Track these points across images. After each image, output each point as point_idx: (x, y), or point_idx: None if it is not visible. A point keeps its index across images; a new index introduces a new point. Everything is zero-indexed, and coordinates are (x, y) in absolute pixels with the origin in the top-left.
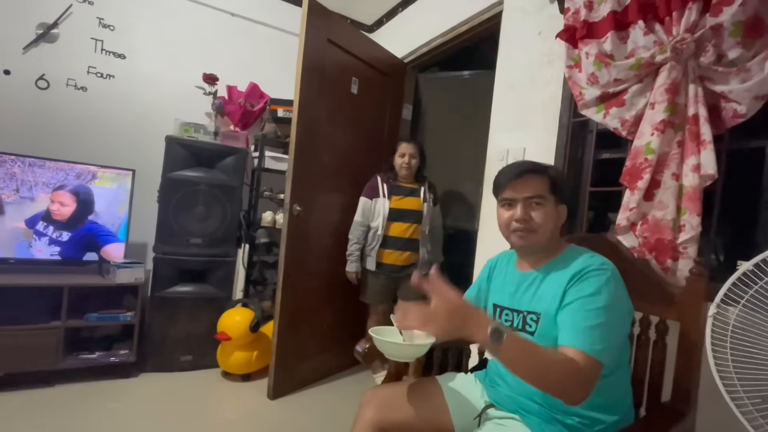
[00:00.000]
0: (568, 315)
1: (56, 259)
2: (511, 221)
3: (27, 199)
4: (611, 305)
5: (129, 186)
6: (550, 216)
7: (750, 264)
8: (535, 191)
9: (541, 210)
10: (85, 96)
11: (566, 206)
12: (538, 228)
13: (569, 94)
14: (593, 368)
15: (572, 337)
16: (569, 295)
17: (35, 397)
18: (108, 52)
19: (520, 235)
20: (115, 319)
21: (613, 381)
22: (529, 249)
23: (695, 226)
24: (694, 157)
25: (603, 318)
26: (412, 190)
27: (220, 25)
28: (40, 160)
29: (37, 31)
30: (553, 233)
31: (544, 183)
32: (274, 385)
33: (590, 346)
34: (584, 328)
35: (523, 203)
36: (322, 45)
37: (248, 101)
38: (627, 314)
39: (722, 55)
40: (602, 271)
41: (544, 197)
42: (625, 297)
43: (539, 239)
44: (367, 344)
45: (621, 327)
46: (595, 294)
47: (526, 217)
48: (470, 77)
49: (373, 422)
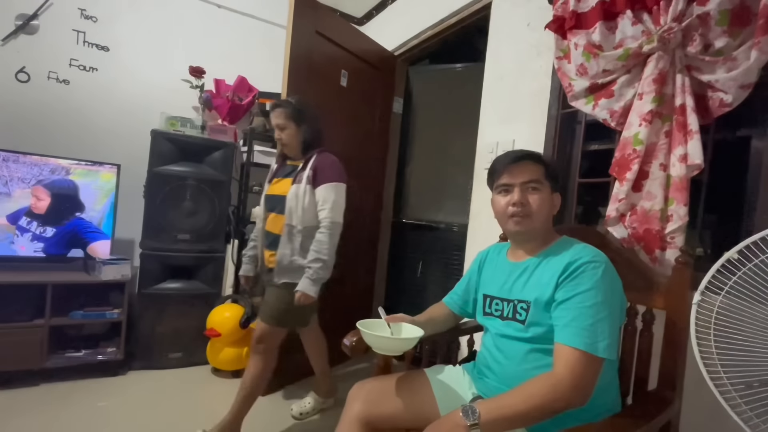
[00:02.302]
0: (566, 313)
1: (40, 255)
2: (508, 206)
3: (3, 194)
4: (608, 300)
5: (114, 181)
6: (545, 202)
7: (734, 251)
8: (531, 176)
9: (538, 195)
10: (67, 89)
11: (560, 195)
12: (535, 213)
13: (558, 85)
14: (591, 366)
15: (572, 337)
16: (565, 291)
17: (20, 396)
18: (91, 44)
19: (517, 220)
20: (102, 316)
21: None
22: (526, 235)
23: (682, 216)
24: (681, 147)
25: (602, 314)
26: (293, 169)
27: (206, 16)
28: (14, 154)
29: (16, 23)
30: (547, 220)
31: (539, 169)
32: None
33: (591, 345)
34: (585, 326)
35: (520, 188)
36: (310, 37)
37: (236, 94)
38: (622, 305)
39: (709, 45)
40: (596, 264)
41: (541, 182)
42: (619, 288)
43: (535, 225)
44: (354, 337)
45: (619, 319)
46: (591, 290)
47: (524, 201)
48: (461, 70)
49: (360, 416)
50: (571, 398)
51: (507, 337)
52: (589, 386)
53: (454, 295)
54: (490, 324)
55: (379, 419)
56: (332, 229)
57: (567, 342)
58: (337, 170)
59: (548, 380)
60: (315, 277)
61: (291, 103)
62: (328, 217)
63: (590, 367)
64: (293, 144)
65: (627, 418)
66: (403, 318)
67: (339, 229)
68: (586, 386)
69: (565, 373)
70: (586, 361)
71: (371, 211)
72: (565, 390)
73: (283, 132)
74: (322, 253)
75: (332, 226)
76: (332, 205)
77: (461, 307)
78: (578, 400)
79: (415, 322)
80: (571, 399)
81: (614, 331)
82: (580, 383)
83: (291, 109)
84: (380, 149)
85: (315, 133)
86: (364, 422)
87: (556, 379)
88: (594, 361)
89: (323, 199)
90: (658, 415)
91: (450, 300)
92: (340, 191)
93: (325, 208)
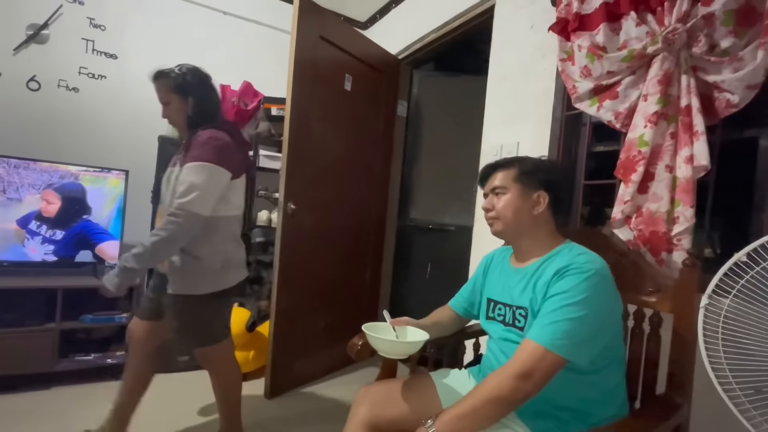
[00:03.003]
0: (542, 310)
1: (50, 260)
2: (484, 212)
3: (14, 200)
4: (586, 302)
5: (122, 186)
6: (510, 203)
7: (742, 253)
8: (497, 182)
9: (501, 198)
10: (77, 97)
11: (545, 192)
12: (500, 215)
13: (562, 87)
14: (543, 360)
15: (535, 331)
16: (549, 292)
17: (32, 400)
18: (99, 53)
19: (489, 223)
20: (111, 320)
21: (605, 375)
22: (504, 237)
23: (689, 217)
24: (687, 148)
25: (573, 314)
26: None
27: (212, 23)
28: (24, 162)
29: (27, 32)
30: (519, 220)
31: (508, 174)
32: (271, 384)
33: (551, 341)
34: (550, 323)
35: (490, 194)
36: (314, 42)
37: (242, 100)
38: (608, 311)
39: (715, 45)
40: (583, 269)
41: (506, 187)
42: (607, 295)
43: (504, 226)
44: (360, 341)
45: (598, 324)
46: (569, 290)
47: (488, 207)
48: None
49: (366, 419)
50: (514, 386)
51: (510, 341)
52: (537, 377)
53: (460, 297)
54: (492, 328)
55: (384, 422)
56: (178, 220)
57: (530, 336)
58: (208, 148)
59: (497, 374)
60: (122, 267)
61: (174, 73)
62: (178, 203)
63: (542, 361)
64: (179, 121)
65: (634, 422)
66: (408, 321)
67: (193, 222)
68: (532, 376)
69: (514, 363)
70: (539, 355)
71: (376, 215)
72: (508, 378)
73: (168, 107)
74: (145, 244)
75: (180, 215)
76: (187, 188)
77: (466, 309)
78: (523, 388)
79: (421, 325)
80: (515, 387)
81: (587, 333)
82: (525, 372)
83: (173, 80)
84: (385, 152)
85: (204, 107)
86: (370, 426)
87: (503, 370)
88: (548, 356)
89: (180, 182)
90: (665, 420)
91: (456, 302)
92: (204, 173)
93: (178, 191)
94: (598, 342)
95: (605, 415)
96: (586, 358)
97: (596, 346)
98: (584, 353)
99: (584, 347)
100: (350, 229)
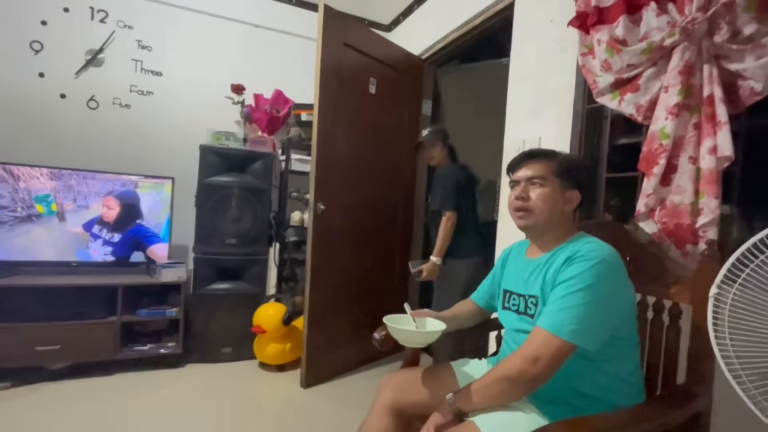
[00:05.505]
0: (550, 297)
1: (109, 260)
2: (514, 201)
3: (83, 207)
4: (591, 288)
5: (170, 193)
6: (548, 197)
7: (749, 243)
8: (536, 172)
9: (540, 190)
10: (128, 112)
11: (578, 192)
12: (535, 208)
13: (583, 80)
14: (550, 345)
15: (543, 318)
16: (557, 279)
17: (97, 385)
18: (147, 71)
19: (519, 215)
20: (162, 314)
21: (618, 363)
22: (530, 231)
23: (714, 209)
24: (711, 139)
25: (579, 300)
26: None
27: (244, 37)
28: (92, 173)
29: (86, 57)
30: (552, 215)
31: (548, 166)
32: (306, 375)
33: (557, 327)
34: (557, 310)
35: (525, 183)
36: (339, 49)
37: (274, 107)
38: (614, 297)
39: (738, 32)
40: (590, 256)
41: (546, 178)
42: (614, 281)
43: (536, 220)
44: (383, 332)
45: (605, 309)
46: (575, 277)
47: (524, 195)
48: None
49: (389, 403)
50: (522, 368)
51: (522, 332)
52: (544, 361)
53: (481, 290)
54: (507, 318)
55: (407, 406)
56: None
57: (539, 323)
58: None
59: (509, 358)
60: None
61: None
62: None
63: (549, 346)
64: None
65: (645, 408)
66: (428, 313)
67: None
68: (540, 360)
69: (524, 348)
70: (546, 340)
71: (403, 212)
72: (516, 360)
73: None
74: None
75: None
76: None
77: (487, 302)
78: (529, 371)
79: (440, 317)
80: (522, 369)
81: (594, 319)
82: (533, 356)
83: None
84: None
85: None
86: (393, 409)
87: (514, 354)
88: (555, 341)
89: None
90: (678, 408)
91: (477, 296)
92: None
93: None
94: (606, 328)
95: (620, 402)
96: (593, 344)
97: (604, 332)
98: (591, 339)
99: (591, 333)
100: (378, 228)
